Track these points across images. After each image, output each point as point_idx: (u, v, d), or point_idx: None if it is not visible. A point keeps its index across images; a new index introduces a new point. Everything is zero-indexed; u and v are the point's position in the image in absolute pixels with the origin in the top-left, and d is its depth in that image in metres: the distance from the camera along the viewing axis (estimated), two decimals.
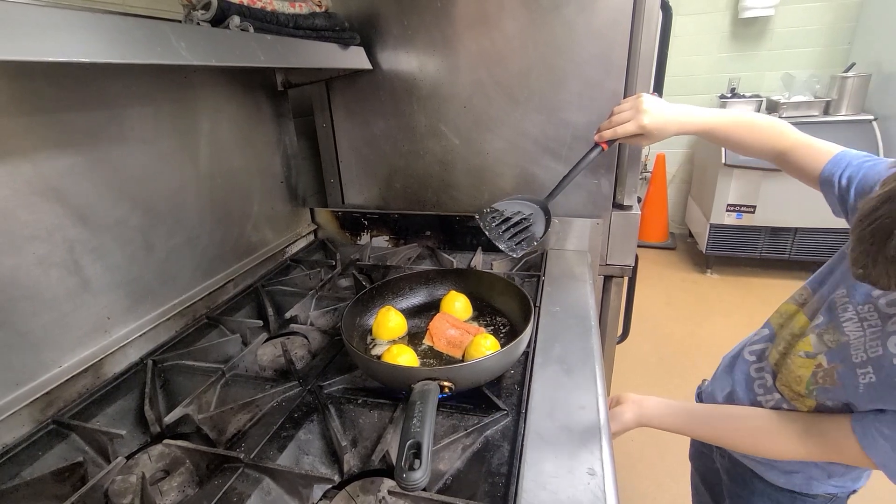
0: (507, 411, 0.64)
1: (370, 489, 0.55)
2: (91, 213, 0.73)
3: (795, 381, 0.64)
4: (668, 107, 0.74)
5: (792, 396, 0.66)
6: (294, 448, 0.61)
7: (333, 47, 1.02)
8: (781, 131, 0.73)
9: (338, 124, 1.29)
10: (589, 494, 0.51)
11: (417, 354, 0.74)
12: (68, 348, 0.71)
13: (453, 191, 1.26)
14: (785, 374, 0.67)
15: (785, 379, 0.67)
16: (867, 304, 0.58)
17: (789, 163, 0.74)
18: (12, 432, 0.63)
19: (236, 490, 0.54)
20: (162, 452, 0.62)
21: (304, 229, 1.30)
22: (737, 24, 3.08)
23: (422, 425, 0.50)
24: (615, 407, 0.77)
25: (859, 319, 0.58)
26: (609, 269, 1.20)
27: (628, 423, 0.75)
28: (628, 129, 0.73)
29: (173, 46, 0.59)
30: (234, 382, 0.74)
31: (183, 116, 0.89)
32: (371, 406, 0.67)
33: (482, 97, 1.14)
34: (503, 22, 1.06)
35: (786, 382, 0.66)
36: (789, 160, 0.74)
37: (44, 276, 0.67)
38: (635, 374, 2.14)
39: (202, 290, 0.95)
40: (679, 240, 3.64)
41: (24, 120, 0.64)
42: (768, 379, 0.70)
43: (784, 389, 0.67)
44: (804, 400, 0.64)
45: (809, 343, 0.63)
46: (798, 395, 0.64)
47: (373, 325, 0.82)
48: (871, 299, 0.58)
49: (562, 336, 0.80)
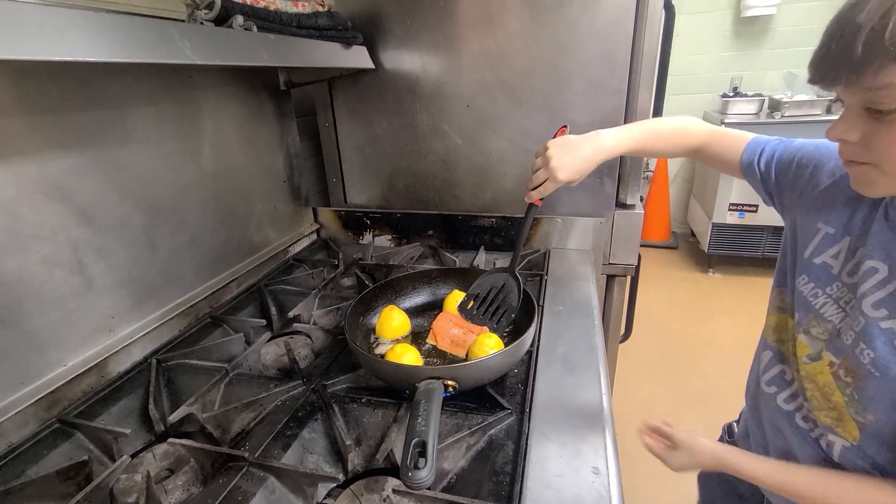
0: (510, 410, 0.64)
1: (374, 488, 0.55)
2: (95, 212, 0.73)
3: (826, 392, 0.55)
4: (577, 147, 0.73)
5: (835, 418, 0.55)
6: (298, 447, 0.61)
7: (336, 47, 1.02)
8: (689, 130, 0.75)
9: (340, 124, 1.29)
10: (593, 493, 0.50)
11: (421, 353, 0.74)
12: (73, 347, 0.71)
13: (456, 190, 1.26)
14: (812, 390, 0.58)
15: (817, 398, 0.57)
16: (834, 284, 0.55)
17: (707, 157, 0.75)
18: (18, 431, 0.63)
19: (241, 489, 0.54)
20: (166, 451, 0.62)
21: (306, 229, 1.30)
22: (739, 23, 3.07)
23: (427, 424, 0.50)
24: (668, 450, 0.61)
25: (834, 301, 0.55)
26: (612, 268, 1.20)
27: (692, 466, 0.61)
28: (549, 187, 0.74)
29: (178, 46, 0.59)
30: (238, 381, 0.74)
31: (186, 116, 0.89)
32: (375, 405, 0.67)
33: (485, 97, 1.14)
34: (506, 21, 1.06)
35: (821, 399, 0.57)
36: (706, 154, 0.75)
37: (48, 276, 0.67)
38: (638, 374, 2.13)
39: (205, 290, 0.95)
40: (681, 239, 3.64)
41: (29, 120, 0.64)
42: (807, 407, 0.60)
43: (821, 415, 0.57)
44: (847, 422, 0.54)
45: (804, 344, 0.58)
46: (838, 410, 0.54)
47: (376, 325, 0.82)
48: (834, 278, 0.55)
49: (565, 335, 0.80)
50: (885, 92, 0.40)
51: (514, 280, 0.80)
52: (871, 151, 0.44)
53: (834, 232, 0.55)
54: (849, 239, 0.54)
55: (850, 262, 0.53)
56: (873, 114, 0.42)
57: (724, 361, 2.15)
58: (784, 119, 2.65)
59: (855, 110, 0.44)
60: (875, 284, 0.49)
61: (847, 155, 0.47)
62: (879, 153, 0.44)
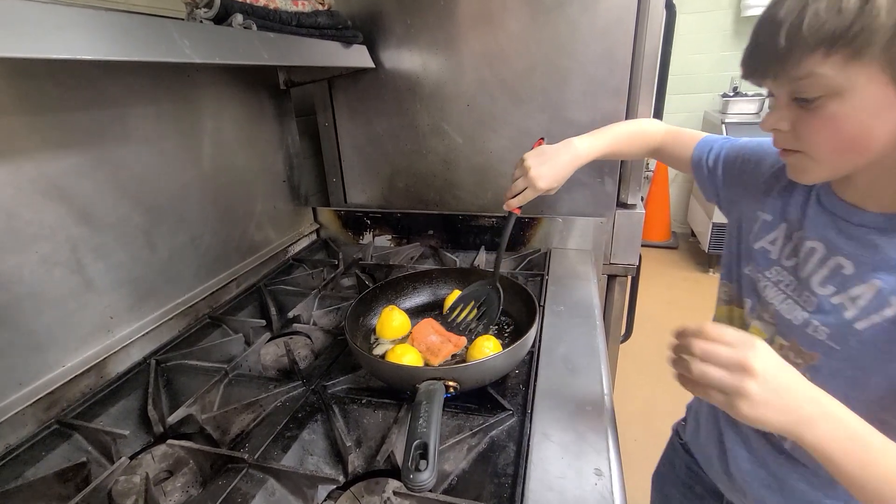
0: (512, 411, 0.63)
1: (375, 490, 0.55)
2: (94, 212, 0.73)
3: None
4: (554, 156, 0.77)
5: None
6: (298, 448, 0.61)
7: (336, 46, 1.02)
8: (647, 131, 0.81)
9: (340, 123, 1.29)
10: (596, 495, 0.50)
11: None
12: (71, 348, 0.70)
13: (456, 190, 1.26)
14: None
15: None
16: (773, 268, 0.58)
17: (665, 156, 0.81)
18: (15, 432, 0.62)
19: (240, 490, 0.54)
20: (165, 453, 0.61)
21: (306, 228, 1.30)
22: (739, 23, 3.07)
23: (428, 425, 0.50)
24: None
25: (774, 284, 0.58)
26: (613, 268, 1.20)
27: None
28: (529, 195, 0.78)
29: (177, 44, 0.59)
30: (238, 382, 0.73)
31: (185, 116, 0.89)
32: (375, 406, 0.67)
33: (485, 96, 1.13)
34: (506, 20, 1.05)
35: None
36: (663, 153, 0.80)
37: (47, 276, 0.66)
38: (639, 374, 2.13)
39: (205, 290, 0.94)
40: (681, 239, 3.64)
41: (28, 119, 0.64)
42: None
43: None
44: None
45: (759, 329, 0.60)
46: None
47: (376, 325, 0.81)
48: (772, 262, 0.58)
49: (566, 335, 0.80)
50: (807, 81, 0.43)
51: (496, 291, 0.82)
52: (800, 139, 0.47)
53: (771, 219, 0.59)
54: (785, 225, 0.57)
55: (787, 246, 0.57)
56: (800, 103, 0.45)
57: None
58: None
59: (784, 101, 0.47)
60: (816, 263, 0.53)
61: (780, 144, 0.50)
62: (807, 140, 0.47)
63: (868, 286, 0.48)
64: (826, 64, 0.41)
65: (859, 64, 0.40)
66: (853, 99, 0.42)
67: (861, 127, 0.43)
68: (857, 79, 0.41)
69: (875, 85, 0.40)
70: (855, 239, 0.49)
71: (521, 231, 1.18)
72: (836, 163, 0.47)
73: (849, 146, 0.45)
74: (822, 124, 0.44)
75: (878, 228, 0.48)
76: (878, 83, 0.40)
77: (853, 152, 0.45)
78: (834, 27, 0.39)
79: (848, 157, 0.46)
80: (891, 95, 0.41)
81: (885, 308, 0.46)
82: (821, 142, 0.46)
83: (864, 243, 0.49)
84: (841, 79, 0.41)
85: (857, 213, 0.50)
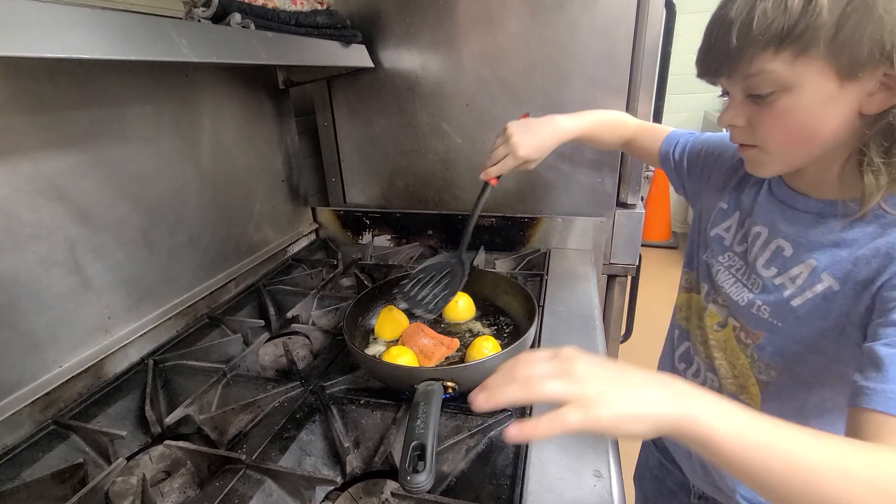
0: (511, 412, 0.63)
1: (373, 491, 0.54)
2: (92, 212, 0.72)
3: (731, 358, 0.59)
4: (537, 128, 0.78)
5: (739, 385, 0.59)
6: (296, 449, 0.61)
7: (335, 45, 1.01)
8: (625, 122, 0.83)
9: (339, 123, 1.28)
10: (595, 497, 0.50)
11: None
12: (69, 348, 0.70)
13: (456, 190, 1.25)
14: (720, 357, 0.61)
15: (726, 365, 0.60)
16: (726, 254, 0.61)
17: (634, 149, 0.84)
18: (12, 433, 0.62)
19: (238, 491, 0.54)
20: (163, 453, 0.61)
21: (305, 228, 1.29)
22: None
23: (426, 426, 0.50)
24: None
25: (726, 268, 0.61)
26: (612, 268, 1.19)
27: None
28: (509, 163, 0.78)
29: (175, 43, 0.59)
30: (236, 383, 0.73)
31: (184, 115, 0.89)
32: (374, 407, 0.66)
33: (485, 95, 1.13)
34: (506, 20, 1.05)
35: (729, 367, 0.60)
36: (634, 146, 0.83)
37: (44, 276, 0.66)
38: None
39: (203, 290, 0.94)
40: (681, 239, 3.63)
41: (25, 118, 0.63)
42: (715, 380, 0.63)
43: (727, 383, 0.60)
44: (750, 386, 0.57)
45: (714, 313, 0.62)
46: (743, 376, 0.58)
47: (375, 325, 0.81)
48: (726, 248, 0.61)
49: (566, 336, 0.80)
50: (759, 78, 0.45)
51: (461, 265, 0.81)
52: (755, 134, 0.49)
53: (727, 207, 0.62)
54: (738, 213, 0.61)
55: (739, 232, 0.60)
56: (754, 99, 0.47)
57: None
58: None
59: (738, 98, 0.49)
60: (760, 246, 0.56)
61: (737, 139, 0.52)
62: (762, 134, 0.49)
63: (805, 265, 0.50)
64: (776, 61, 0.43)
65: (806, 59, 0.42)
66: (803, 93, 0.44)
67: (811, 120, 0.45)
68: (805, 74, 0.42)
69: (822, 79, 0.42)
70: (796, 223, 0.52)
71: (521, 231, 1.18)
72: (790, 155, 0.49)
73: (800, 138, 0.47)
74: (775, 119, 0.46)
75: (818, 213, 0.51)
76: (825, 77, 0.42)
77: (805, 144, 0.47)
78: (781, 25, 0.41)
79: (800, 148, 0.48)
80: (835, 89, 0.42)
81: (817, 284, 0.49)
82: (774, 135, 0.48)
83: (803, 226, 0.52)
84: (790, 74, 0.43)
85: (802, 200, 0.53)
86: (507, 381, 0.38)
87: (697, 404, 0.34)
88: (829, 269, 0.48)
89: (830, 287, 0.48)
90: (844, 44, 0.40)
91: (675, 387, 0.36)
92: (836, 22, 0.39)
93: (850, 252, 0.47)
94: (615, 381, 0.36)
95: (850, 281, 0.47)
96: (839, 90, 0.42)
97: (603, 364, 0.37)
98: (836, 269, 0.48)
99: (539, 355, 0.39)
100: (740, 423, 0.33)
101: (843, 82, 0.42)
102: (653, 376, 0.37)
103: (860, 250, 0.46)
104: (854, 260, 0.47)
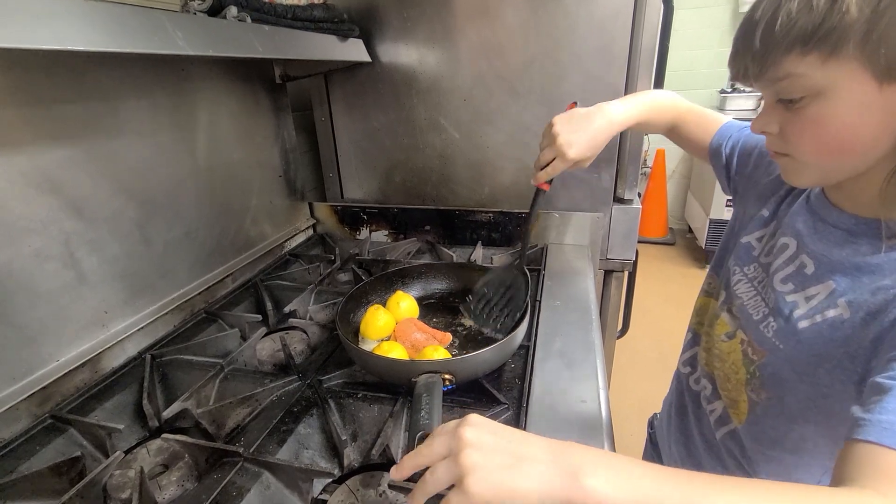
0: (507, 405, 0.64)
1: (370, 483, 0.55)
2: (87, 205, 0.72)
3: (732, 369, 0.57)
4: (586, 122, 0.70)
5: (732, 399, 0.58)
6: (294, 442, 0.61)
7: (332, 39, 1.01)
8: (675, 104, 0.76)
9: (337, 118, 1.28)
10: None
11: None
12: (65, 342, 0.70)
13: (453, 185, 1.25)
14: (720, 368, 0.60)
15: (722, 376, 0.59)
16: (752, 265, 0.58)
17: (681, 134, 0.76)
18: (9, 427, 0.62)
19: (235, 484, 0.54)
20: (161, 447, 0.61)
21: (302, 224, 1.29)
22: (737, 18, 3.06)
23: (430, 417, 0.50)
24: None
25: (748, 280, 0.58)
26: (609, 263, 1.20)
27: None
28: (558, 166, 0.70)
29: (170, 36, 0.58)
30: (233, 377, 0.73)
31: (180, 109, 0.88)
32: (371, 400, 0.67)
33: (483, 90, 1.13)
34: (504, 14, 1.05)
35: (724, 380, 0.59)
36: (681, 133, 0.76)
37: (40, 270, 0.66)
38: (635, 370, 2.14)
39: (201, 285, 0.94)
40: (678, 235, 3.64)
41: (20, 111, 0.63)
42: (708, 387, 0.63)
43: (725, 392, 0.59)
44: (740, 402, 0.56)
45: (725, 322, 0.59)
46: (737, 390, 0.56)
47: (360, 324, 0.79)
48: (752, 259, 0.59)
49: (562, 330, 0.80)
50: (788, 82, 0.42)
51: (523, 275, 0.77)
52: (787, 142, 0.46)
53: (767, 216, 0.59)
54: (774, 224, 0.57)
55: (768, 244, 0.56)
56: (785, 104, 0.44)
57: None
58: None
59: (770, 103, 0.46)
60: (785, 260, 0.52)
61: (770, 146, 0.49)
62: (793, 142, 0.46)
63: (824, 286, 0.47)
64: (803, 63, 0.40)
65: (837, 62, 0.38)
66: (836, 99, 0.40)
67: (846, 127, 0.41)
68: (837, 77, 0.39)
69: (857, 83, 0.39)
70: (824, 239, 0.49)
71: (519, 226, 1.18)
72: (825, 165, 0.45)
73: (835, 148, 0.43)
74: (807, 126, 0.43)
75: (847, 230, 0.47)
76: (859, 81, 0.39)
77: (840, 154, 0.44)
78: (806, 25, 0.38)
79: (835, 159, 0.44)
80: (873, 93, 0.39)
81: (830, 309, 0.46)
82: (805, 143, 0.45)
83: (830, 243, 0.48)
84: (820, 78, 0.40)
85: (835, 213, 0.49)
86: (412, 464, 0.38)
87: (592, 476, 0.31)
88: (847, 294, 0.45)
89: (841, 315, 0.45)
90: (879, 42, 0.36)
91: (568, 457, 0.33)
92: (868, 19, 0.36)
93: (871, 279, 0.44)
94: (500, 455, 0.34)
95: (863, 310, 0.43)
96: (878, 94, 0.39)
97: (495, 435, 0.35)
98: (853, 295, 0.45)
99: (445, 430, 0.38)
100: (643, 490, 0.31)
101: (882, 85, 0.38)
102: (546, 446, 0.34)
103: (884, 279, 0.43)
104: (874, 289, 0.43)
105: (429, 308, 0.88)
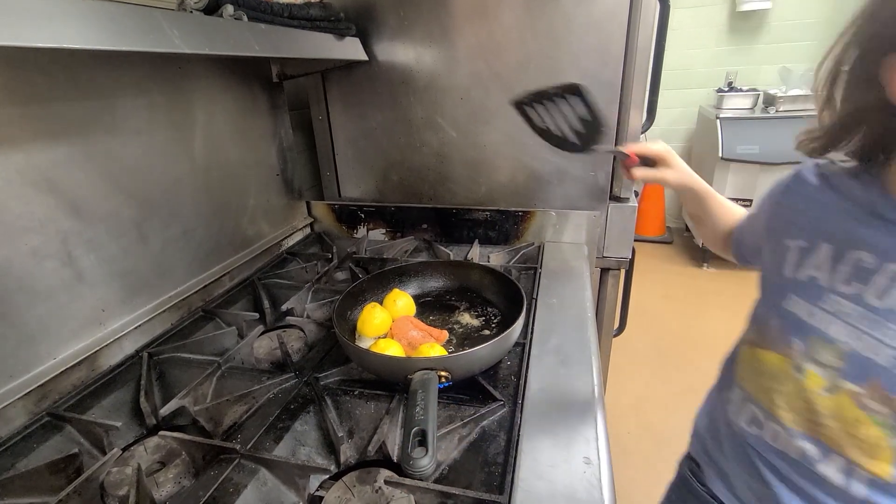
0: (503, 402, 0.64)
1: (367, 479, 0.55)
2: (84, 204, 0.72)
3: (852, 429, 0.47)
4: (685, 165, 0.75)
5: (866, 452, 0.47)
6: (290, 439, 0.61)
7: (329, 38, 1.01)
8: (733, 211, 0.78)
9: (334, 117, 1.28)
10: (585, 483, 0.51)
11: None
12: (63, 340, 0.70)
13: (450, 183, 1.26)
14: (835, 429, 0.48)
15: (838, 435, 0.48)
16: (827, 297, 0.49)
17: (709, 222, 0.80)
18: (7, 425, 0.62)
19: (232, 481, 0.54)
20: (158, 444, 0.61)
21: (300, 222, 1.29)
22: (734, 18, 3.07)
23: (426, 413, 0.51)
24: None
25: (835, 316, 0.48)
26: (606, 261, 1.20)
27: None
28: (654, 175, 0.73)
29: (166, 34, 0.58)
30: (230, 375, 0.73)
31: (177, 108, 0.88)
32: (367, 397, 0.67)
33: (480, 89, 1.13)
34: (501, 12, 1.05)
35: (844, 438, 0.48)
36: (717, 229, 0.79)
37: (37, 268, 0.66)
38: (632, 368, 2.15)
39: (198, 283, 0.94)
40: (676, 234, 3.65)
41: (16, 110, 0.63)
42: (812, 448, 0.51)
43: (848, 451, 0.48)
44: (881, 457, 0.46)
45: (817, 375, 0.49)
46: (869, 444, 0.46)
47: (357, 322, 0.80)
48: (823, 290, 0.49)
49: (558, 328, 0.80)
50: None
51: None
52: None
53: (807, 245, 0.51)
54: (827, 245, 0.49)
55: (839, 269, 0.47)
56: None
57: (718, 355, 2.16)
58: (778, 114, 2.65)
59: None
60: (891, 278, 0.44)
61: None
62: None
63: None
64: None
65: None
66: None
67: None
68: None
69: None
70: None
71: (515, 225, 1.18)
72: None
73: None
74: None
75: None
76: None
77: None
78: None
79: None
80: None
81: None
82: None
83: None
84: None
85: None
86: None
87: None
88: None
89: None
90: None
91: None
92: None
93: None
94: None
95: None
96: None
97: None
98: None
99: None
100: None
101: None
102: None
103: None
104: None
105: (425, 306, 0.89)
